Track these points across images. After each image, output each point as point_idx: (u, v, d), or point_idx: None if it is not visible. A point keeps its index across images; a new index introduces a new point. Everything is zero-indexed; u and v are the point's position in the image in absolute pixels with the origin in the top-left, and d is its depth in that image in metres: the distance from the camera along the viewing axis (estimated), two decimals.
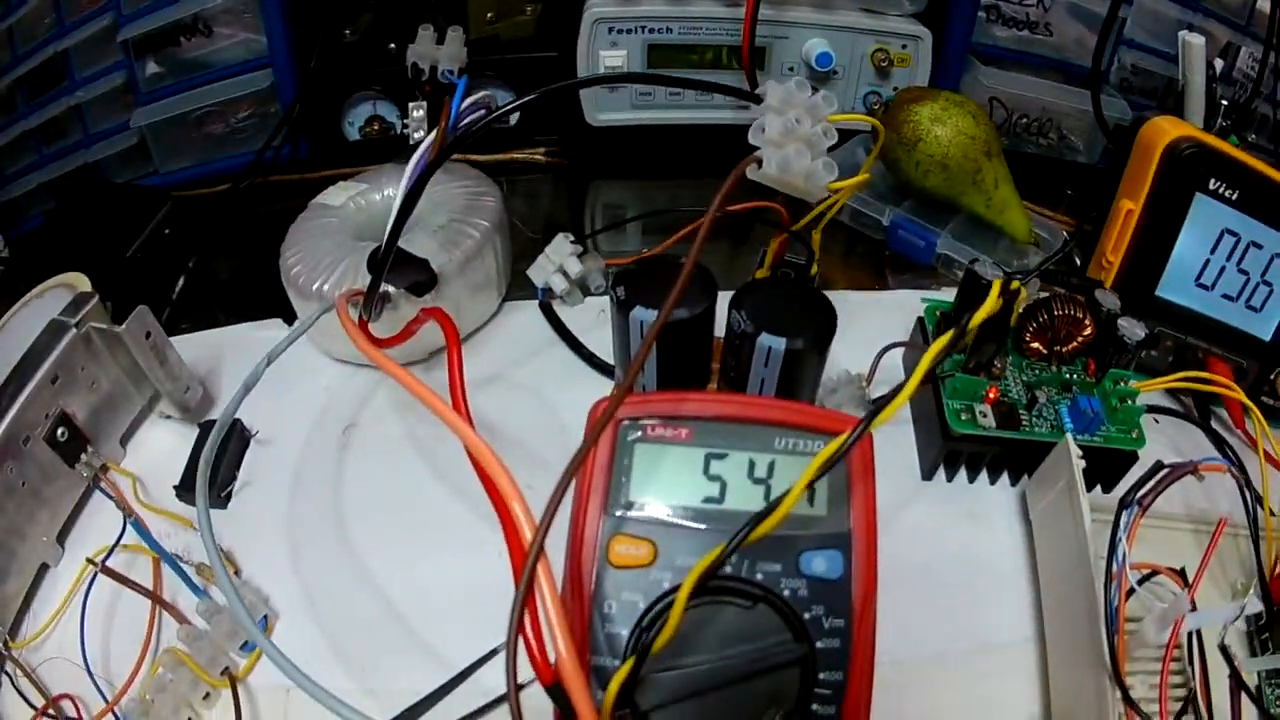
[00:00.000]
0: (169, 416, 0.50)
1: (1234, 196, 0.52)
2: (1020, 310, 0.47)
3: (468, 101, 0.41)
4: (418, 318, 0.44)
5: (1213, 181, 0.51)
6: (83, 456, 0.45)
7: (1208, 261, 0.54)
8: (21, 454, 0.41)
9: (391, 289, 0.46)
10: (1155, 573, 0.41)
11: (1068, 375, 0.48)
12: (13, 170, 0.68)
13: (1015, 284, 0.42)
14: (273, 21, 0.60)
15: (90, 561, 0.40)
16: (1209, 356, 0.55)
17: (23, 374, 0.42)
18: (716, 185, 0.35)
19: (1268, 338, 0.56)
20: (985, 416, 0.45)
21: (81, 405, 0.45)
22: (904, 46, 0.62)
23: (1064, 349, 0.48)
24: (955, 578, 0.44)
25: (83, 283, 0.48)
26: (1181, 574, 0.42)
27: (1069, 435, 0.43)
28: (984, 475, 0.47)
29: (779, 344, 0.41)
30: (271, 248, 0.51)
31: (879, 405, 0.29)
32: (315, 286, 0.48)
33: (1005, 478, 0.48)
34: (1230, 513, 0.46)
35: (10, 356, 0.42)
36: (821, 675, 0.29)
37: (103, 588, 0.40)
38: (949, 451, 0.46)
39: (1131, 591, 0.40)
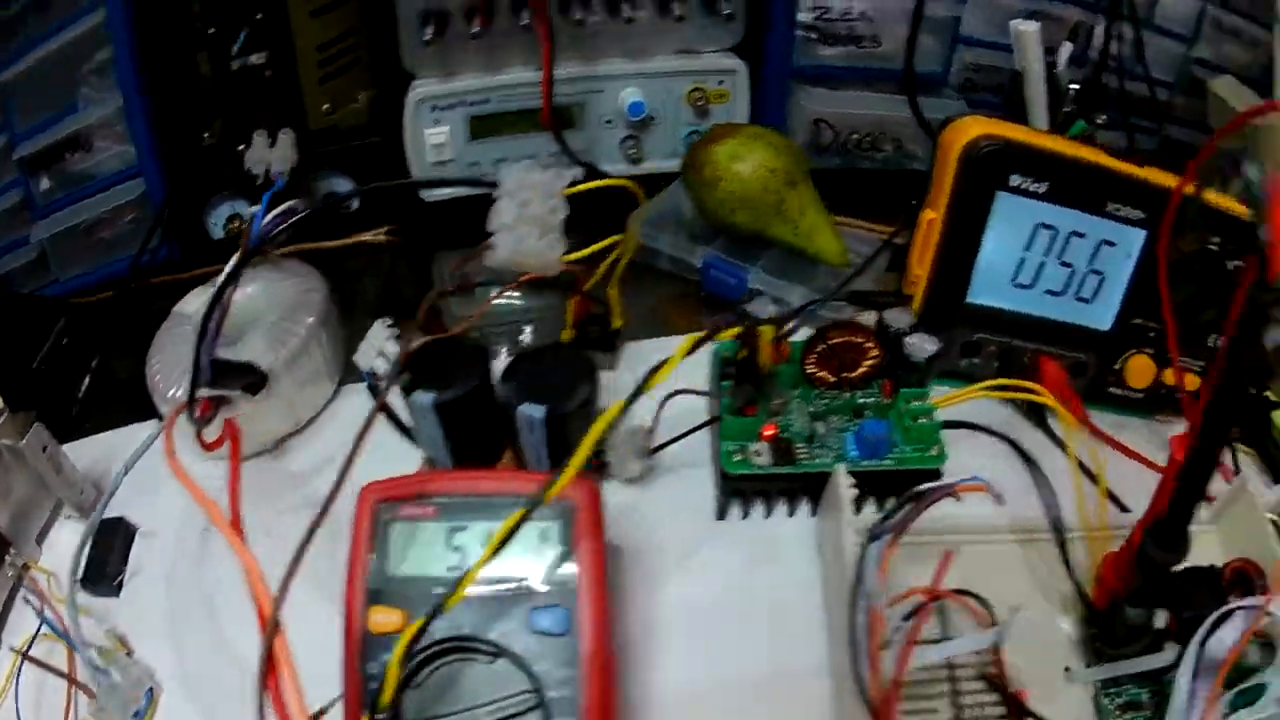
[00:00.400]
0: (70, 516, 0.54)
1: (1043, 190, 0.51)
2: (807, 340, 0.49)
3: (272, 214, 0.46)
4: (225, 428, 0.48)
5: (1015, 178, 0.51)
6: (5, 558, 0.49)
7: (1023, 260, 0.53)
8: None
9: (227, 393, 0.50)
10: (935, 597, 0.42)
11: (862, 400, 0.49)
12: None
13: (763, 326, 0.44)
14: (138, 133, 0.65)
15: (15, 651, 0.46)
16: (1040, 357, 0.55)
17: None
18: None
19: (1107, 327, 0.56)
20: (760, 455, 0.46)
21: (1, 512, 0.50)
22: (720, 82, 0.64)
23: (852, 375, 0.49)
24: (752, 611, 0.45)
25: None
26: (978, 597, 0.43)
27: (839, 465, 0.45)
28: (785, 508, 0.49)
29: (538, 412, 0.44)
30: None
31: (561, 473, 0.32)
32: (170, 394, 0.52)
33: (806, 508, 0.49)
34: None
35: None
36: None
37: (30, 673, 0.45)
38: (732, 490, 0.47)
39: (915, 614, 0.41)
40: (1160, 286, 0.50)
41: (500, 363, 0.48)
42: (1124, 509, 0.54)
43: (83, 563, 0.49)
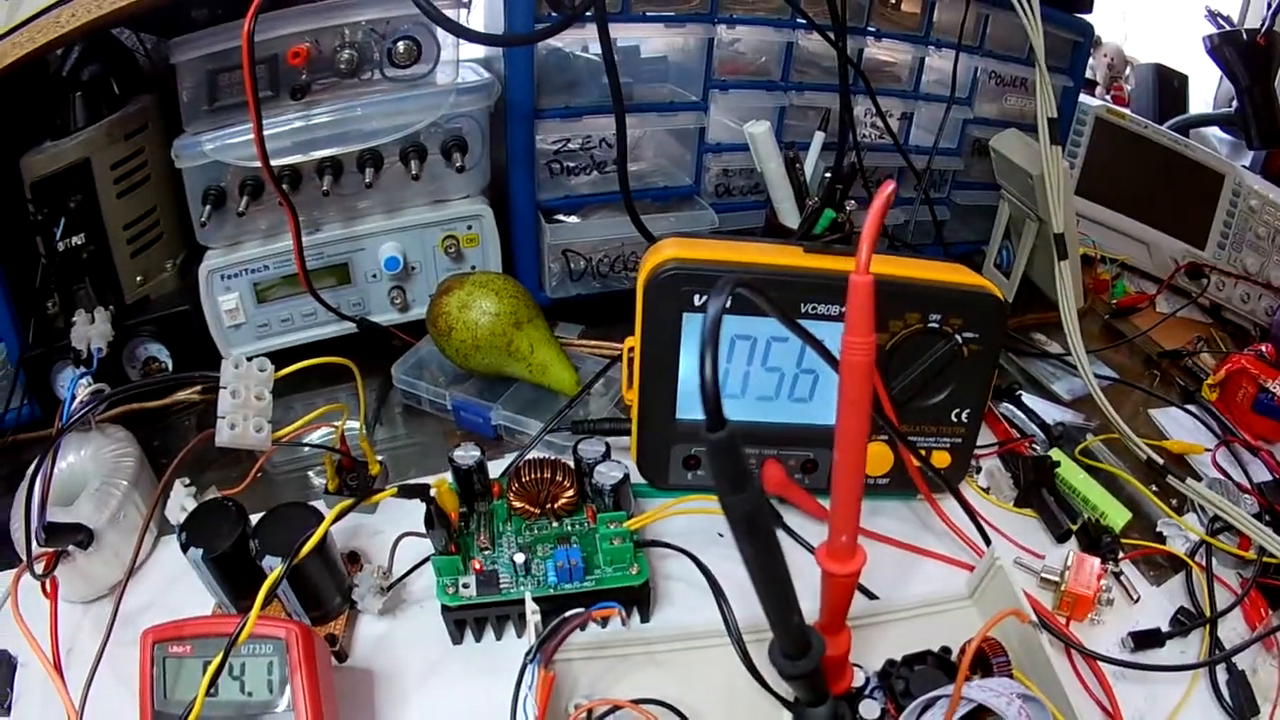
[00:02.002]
0: None
1: (729, 305, 0.56)
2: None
3: (78, 401, 0.59)
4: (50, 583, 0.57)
5: (699, 297, 0.55)
6: None
7: (727, 371, 0.58)
8: None
9: (60, 549, 0.58)
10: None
11: (569, 528, 0.56)
12: None
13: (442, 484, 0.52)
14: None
15: None
16: (765, 460, 0.61)
17: None
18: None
19: (829, 422, 0.61)
20: (468, 587, 0.52)
21: None
22: (469, 227, 0.72)
23: (555, 506, 0.56)
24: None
25: None
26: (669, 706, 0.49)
27: (526, 594, 0.52)
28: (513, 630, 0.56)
29: (275, 562, 0.52)
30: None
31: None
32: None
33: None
34: None
35: None
36: None
37: None
38: (453, 620, 0.53)
39: None
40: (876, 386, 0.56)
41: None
42: (871, 597, 0.60)
43: None
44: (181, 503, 0.65)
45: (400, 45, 0.69)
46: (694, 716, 0.50)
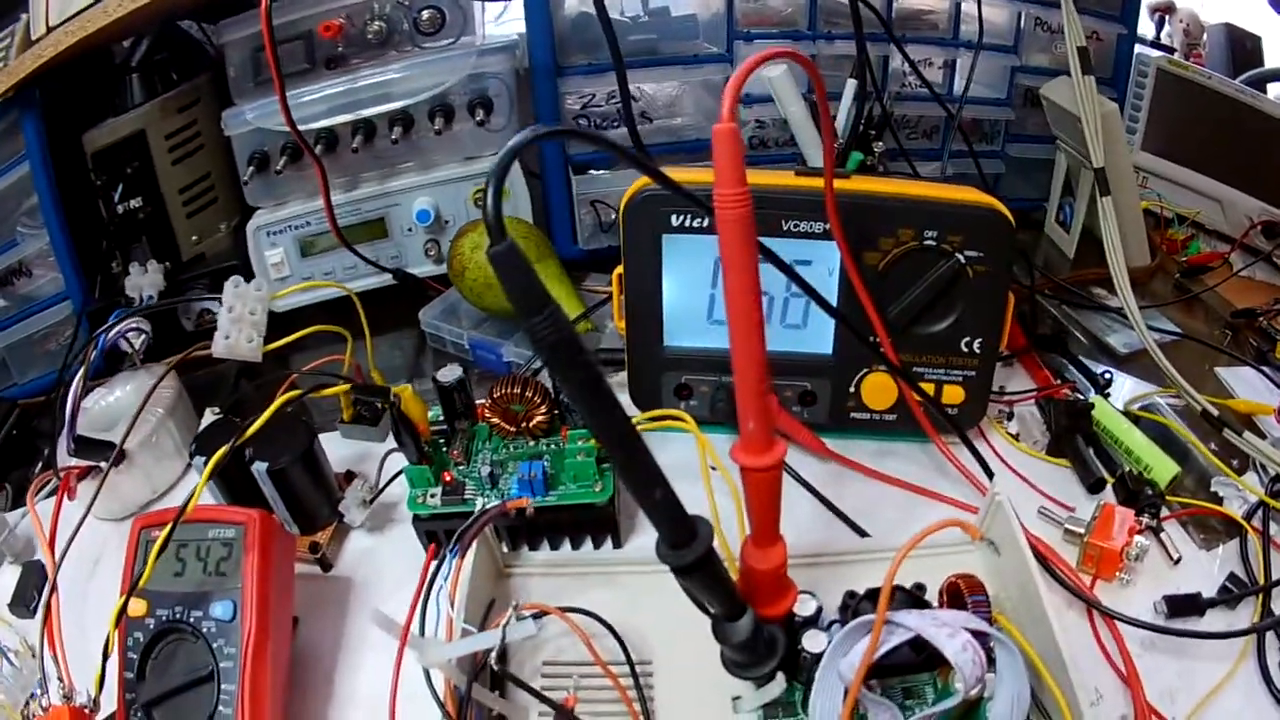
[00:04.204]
0: (13, 563, 0.69)
1: (707, 224, 0.54)
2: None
3: (114, 331, 0.65)
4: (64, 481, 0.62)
5: (676, 218, 0.55)
6: None
7: (713, 296, 0.58)
8: None
9: (92, 462, 0.64)
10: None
11: (544, 447, 0.56)
12: None
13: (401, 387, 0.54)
14: (64, 263, 0.82)
15: None
16: None
17: None
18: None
19: (828, 350, 0.59)
20: (434, 497, 0.54)
21: None
22: None
23: (530, 425, 0.56)
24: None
25: None
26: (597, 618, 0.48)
27: (480, 500, 0.52)
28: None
29: (262, 466, 0.55)
30: None
31: None
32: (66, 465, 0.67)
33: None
34: None
35: None
36: (224, 685, 0.46)
37: None
38: (424, 531, 0.55)
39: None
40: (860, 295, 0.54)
41: None
42: (862, 534, 0.57)
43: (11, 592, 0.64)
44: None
45: (424, 14, 0.74)
46: (634, 635, 0.48)
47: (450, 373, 0.57)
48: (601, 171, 0.78)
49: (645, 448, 0.35)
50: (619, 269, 0.59)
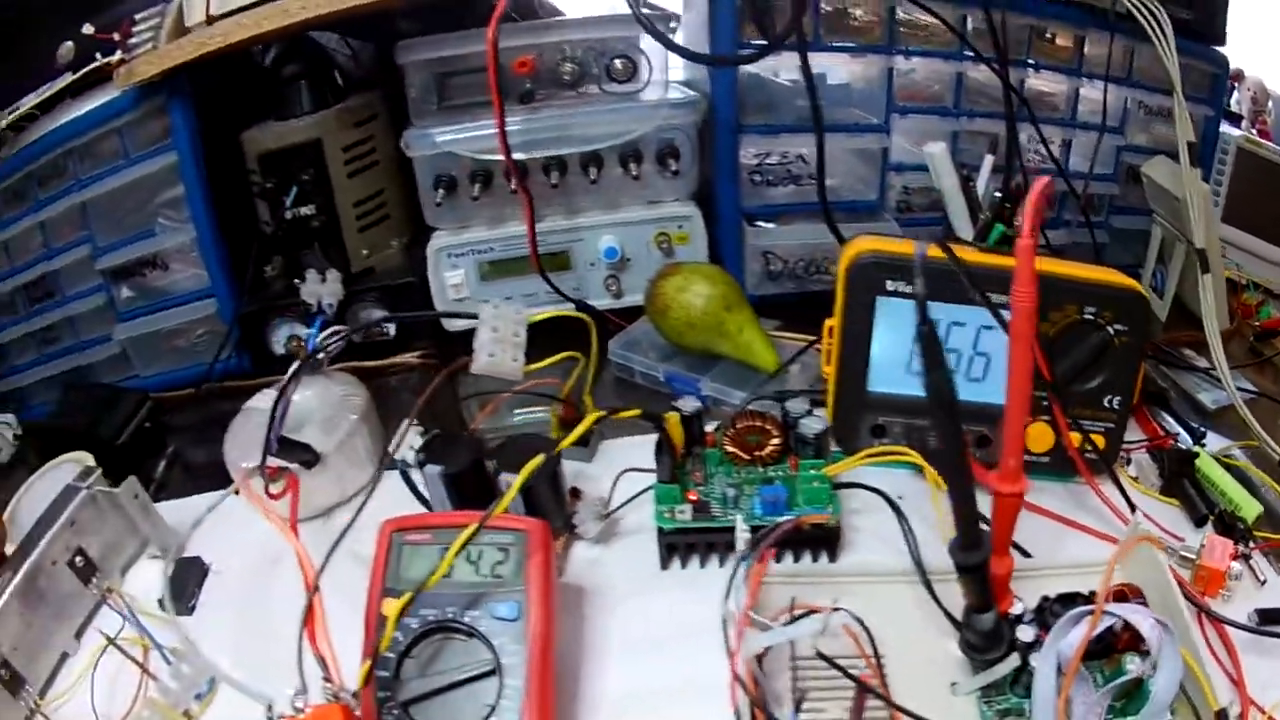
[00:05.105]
0: (155, 557, 0.78)
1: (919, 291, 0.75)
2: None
3: (322, 335, 0.80)
4: (289, 482, 0.76)
5: (891, 283, 0.76)
6: (93, 580, 0.72)
7: (912, 351, 0.78)
8: (51, 574, 0.69)
9: (288, 464, 0.77)
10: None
11: (772, 473, 0.76)
12: (20, 364, 1.07)
13: (669, 414, 0.74)
14: (211, 263, 0.95)
15: (106, 637, 0.68)
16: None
17: (49, 519, 0.70)
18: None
19: (1000, 401, 0.81)
20: (683, 513, 0.72)
21: (92, 544, 0.72)
22: (680, 226, 0.95)
23: (762, 454, 0.76)
24: (681, 635, 0.68)
25: (88, 459, 0.81)
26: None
27: (738, 517, 0.71)
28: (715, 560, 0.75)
29: (512, 478, 0.70)
30: (220, 439, 0.83)
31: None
32: (243, 465, 0.77)
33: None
34: None
35: (37, 508, 0.72)
36: (508, 681, 0.56)
37: (104, 667, 0.67)
38: (666, 543, 0.73)
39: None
40: (1039, 362, 0.75)
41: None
42: (1026, 555, 0.79)
43: (166, 588, 0.73)
44: (410, 443, 0.85)
45: (618, 62, 0.92)
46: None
47: (690, 404, 0.77)
48: (770, 225, 0.99)
49: (972, 475, 0.56)
50: (830, 321, 0.80)
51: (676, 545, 0.74)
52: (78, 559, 0.72)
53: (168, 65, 0.88)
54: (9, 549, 0.72)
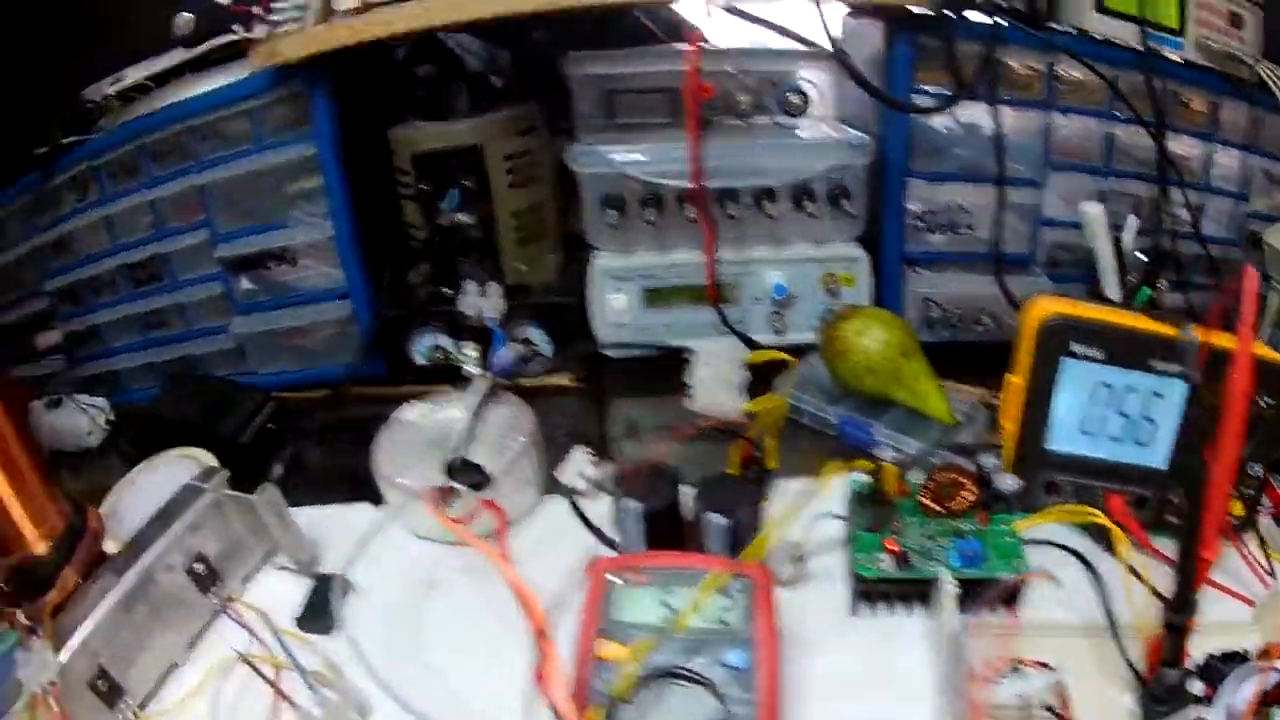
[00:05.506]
0: (285, 568, 0.80)
1: (1100, 355, 0.84)
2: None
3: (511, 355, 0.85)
4: (479, 505, 0.81)
5: (1077, 346, 0.84)
6: (212, 588, 0.72)
7: (1088, 412, 0.86)
8: (166, 579, 0.68)
9: (458, 486, 0.82)
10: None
11: (963, 526, 0.84)
12: (117, 346, 1.10)
13: (888, 464, 0.82)
14: (349, 263, 0.99)
15: (240, 655, 0.67)
16: (1107, 493, 0.88)
17: (165, 519, 0.70)
18: None
19: (1162, 465, 0.89)
20: (883, 562, 0.80)
21: (212, 550, 0.73)
22: (847, 268, 1.02)
23: (951, 506, 0.85)
24: (877, 689, 0.76)
25: (207, 458, 0.86)
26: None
27: (941, 570, 0.80)
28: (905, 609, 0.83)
29: (718, 518, 0.78)
30: (353, 447, 0.87)
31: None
32: (399, 480, 0.84)
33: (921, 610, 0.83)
34: None
35: (145, 505, 0.73)
36: None
37: (228, 685, 0.68)
38: (862, 591, 0.81)
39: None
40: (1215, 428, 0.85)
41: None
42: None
43: (294, 605, 0.76)
44: (581, 468, 0.91)
45: (793, 96, 0.99)
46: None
47: (886, 454, 0.86)
48: (928, 270, 1.07)
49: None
50: (1013, 377, 0.88)
51: (872, 593, 0.82)
52: (197, 565, 0.72)
53: (315, 49, 0.90)
54: (111, 546, 0.72)
